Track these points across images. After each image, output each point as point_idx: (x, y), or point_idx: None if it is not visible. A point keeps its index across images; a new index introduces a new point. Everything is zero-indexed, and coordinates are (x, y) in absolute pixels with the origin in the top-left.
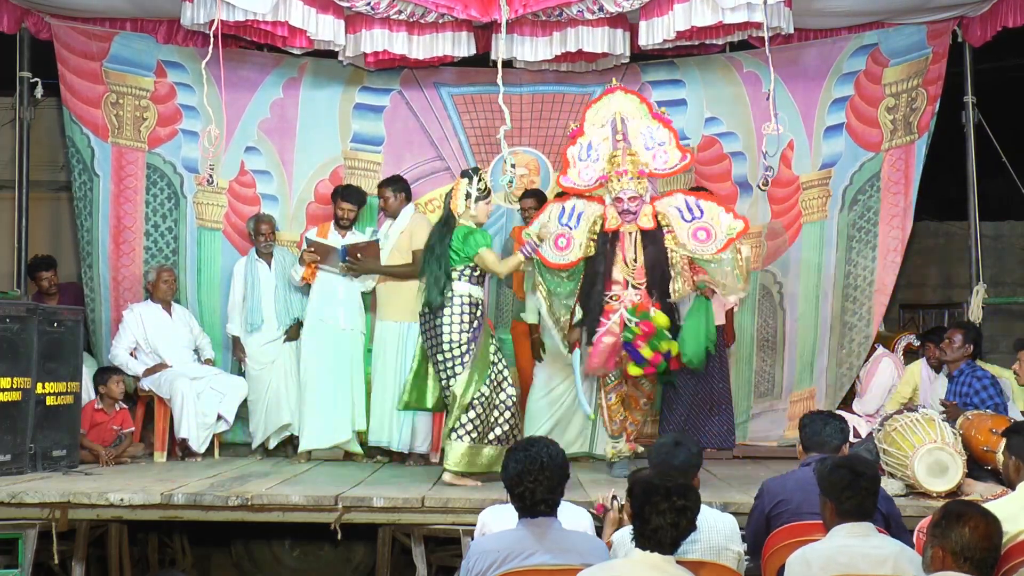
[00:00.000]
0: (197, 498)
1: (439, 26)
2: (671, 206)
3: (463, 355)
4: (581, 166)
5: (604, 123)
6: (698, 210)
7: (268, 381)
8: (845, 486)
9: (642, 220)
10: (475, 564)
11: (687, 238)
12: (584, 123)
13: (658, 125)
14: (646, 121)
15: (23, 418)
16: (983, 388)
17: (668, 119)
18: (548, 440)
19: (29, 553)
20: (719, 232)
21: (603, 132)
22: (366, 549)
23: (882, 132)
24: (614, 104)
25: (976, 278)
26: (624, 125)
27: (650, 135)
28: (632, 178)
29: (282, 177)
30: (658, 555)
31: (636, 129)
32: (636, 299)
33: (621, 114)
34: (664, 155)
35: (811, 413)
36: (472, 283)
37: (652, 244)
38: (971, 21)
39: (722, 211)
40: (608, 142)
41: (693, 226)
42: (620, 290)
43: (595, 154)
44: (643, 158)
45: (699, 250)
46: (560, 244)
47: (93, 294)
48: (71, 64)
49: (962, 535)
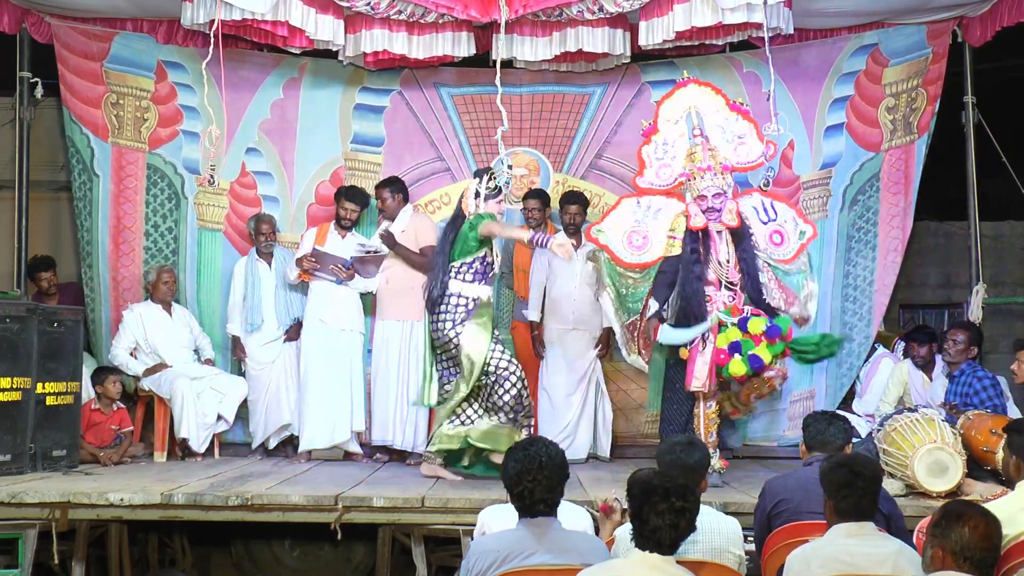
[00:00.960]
0: (197, 498)
1: (439, 26)
2: (749, 205)
3: (455, 351)
4: (658, 165)
5: (679, 119)
6: (773, 211)
7: (268, 381)
8: (843, 484)
9: (727, 217)
10: (475, 564)
11: (765, 241)
12: (657, 120)
13: (736, 117)
14: (723, 113)
15: (23, 418)
16: (983, 388)
17: (747, 110)
18: (548, 440)
19: (29, 553)
20: (791, 237)
21: (678, 128)
22: (366, 549)
23: (882, 132)
24: (688, 98)
25: (976, 278)
26: (700, 119)
27: (728, 128)
28: (716, 174)
29: (283, 178)
30: (657, 555)
31: (713, 123)
32: (729, 300)
33: (696, 108)
34: (745, 148)
35: (815, 413)
36: (465, 281)
37: (744, 241)
38: (971, 21)
39: (793, 214)
40: (684, 138)
41: (770, 228)
42: (713, 291)
43: (672, 151)
44: (723, 152)
45: (775, 255)
46: (635, 243)
47: (93, 294)
48: (71, 64)
49: (962, 535)
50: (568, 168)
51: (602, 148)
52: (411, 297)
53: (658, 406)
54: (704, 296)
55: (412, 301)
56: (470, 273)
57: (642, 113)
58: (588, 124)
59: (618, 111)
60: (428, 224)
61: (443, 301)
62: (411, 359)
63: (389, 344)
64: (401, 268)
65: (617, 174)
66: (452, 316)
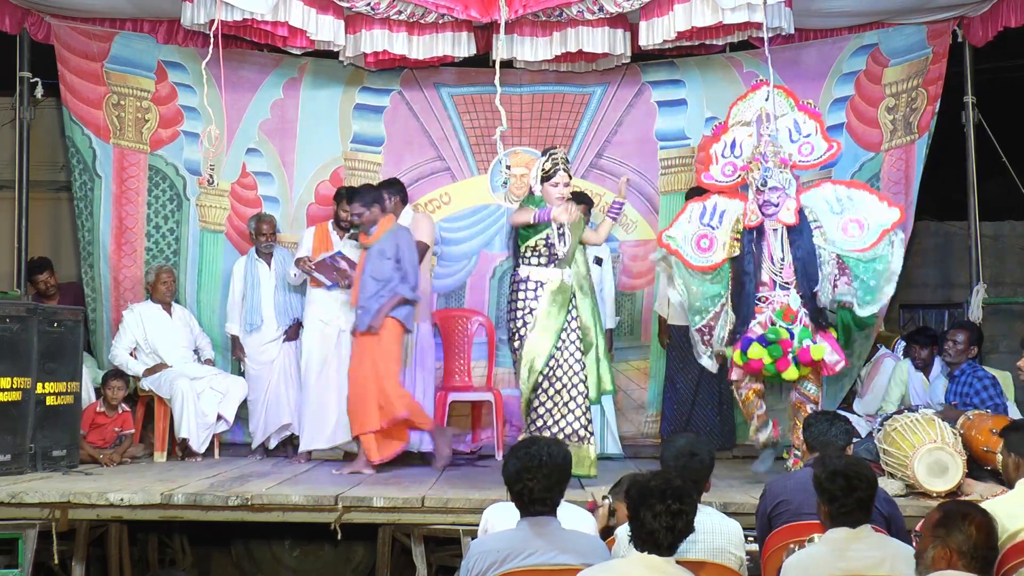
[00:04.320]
0: (197, 498)
1: (439, 26)
2: (819, 198)
3: (520, 340)
4: (723, 163)
5: (750, 120)
6: (848, 200)
7: (268, 381)
8: (838, 494)
9: (784, 215)
10: (475, 564)
11: (837, 232)
12: (728, 120)
13: (804, 117)
14: (792, 114)
15: (23, 418)
16: (984, 388)
17: (816, 111)
18: (552, 440)
19: (29, 553)
20: (872, 223)
21: (748, 129)
22: (366, 549)
23: (882, 132)
24: (760, 100)
25: (976, 278)
26: (770, 121)
27: (796, 128)
28: (774, 166)
29: (283, 179)
30: (657, 555)
31: (782, 124)
32: (785, 300)
33: (767, 110)
34: (809, 146)
35: (816, 413)
36: (531, 265)
37: (800, 239)
38: (971, 21)
39: (875, 199)
40: (753, 139)
41: (844, 219)
42: (767, 291)
43: (739, 151)
44: (788, 150)
45: (850, 245)
46: (703, 245)
47: (94, 294)
48: (72, 64)
49: (970, 535)
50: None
51: (602, 148)
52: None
53: (658, 406)
54: (755, 298)
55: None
56: (535, 257)
57: (642, 113)
58: (588, 124)
59: (618, 111)
60: (427, 223)
61: (512, 288)
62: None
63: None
64: None
65: (618, 174)
66: (521, 304)
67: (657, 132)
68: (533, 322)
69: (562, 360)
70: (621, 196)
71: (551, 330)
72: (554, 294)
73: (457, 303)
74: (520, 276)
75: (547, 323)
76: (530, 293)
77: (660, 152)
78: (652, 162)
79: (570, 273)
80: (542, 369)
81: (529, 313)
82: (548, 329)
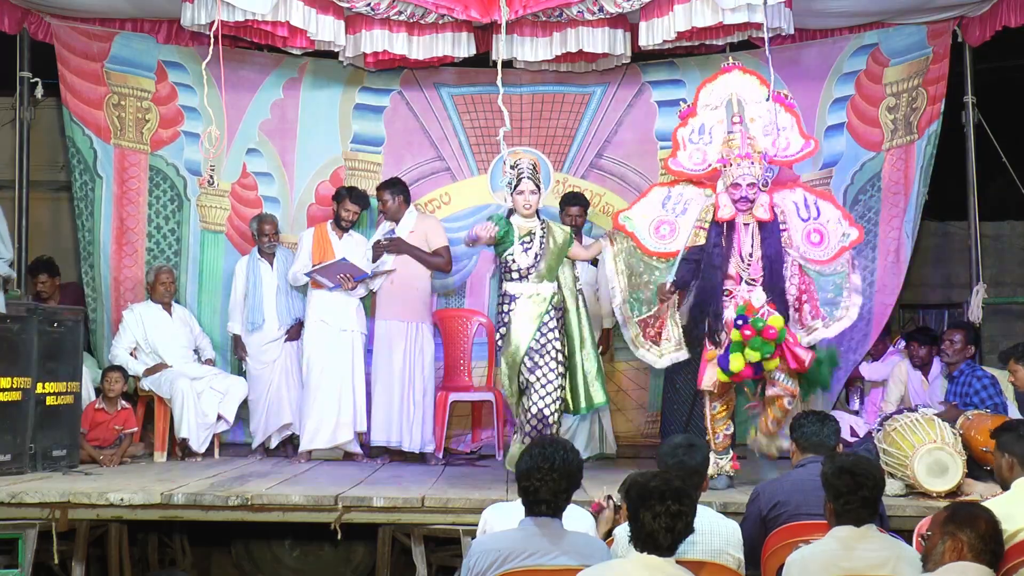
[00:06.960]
0: (197, 498)
1: (439, 26)
2: (789, 200)
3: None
4: (692, 148)
5: (719, 104)
6: (815, 209)
7: (269, 381)
8: (845, 492)
9: (758, 211)
10: (475, 564)
11: (801, 239)
12: (697, 103)
13: (779, 108)
14: (766, 104)
15: (23, 418)
16: (983, 388)
17: (791, 103)
18: (570, 445)
19: (29, 553)
20: (832, 239)
21: (717, 114)
22: (366, 549)
23: (883, 132)
24: (730, 84)
25: (976, 278)
26: (741, 107)
27: (769, 119)
28: (753, 163)
29: (283, 179)
30: (656, 556)
31: (754, 112)
32: (747, 296)
33: (737, 95)
34: (785, 141)
35: (806, 413)
36: (505, 280)
37: (770, 237)
38: (971, 21)
39: (839, 215)
40: (723, 124)
41: (809, 226)
42: (732, 285)
43: (707, 137)
44: (761, 144)
45: (810, 255)
46: (662, 231)
47: (95, 294)
48: (72, 65)
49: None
50: (568, 168)
51: (602, 148)
52: (414, 297)
53: (658, 406)
54: (722, 291)
55: (416, 301)
56: (507, 272)
57: (642, 113)
58: (588, 124)
59: (618, 111)
60: (436, 224)
61: (497, 300)
62: (415, 361)
63: (392, 344)
64: (404, 268)
65: (618, 174)
66: (504, 317)
67: (657, 132)
68: (507, 332)
69: (540, 360)
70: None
71: (527, 333)
72: (527, 307)
73: (457, 303)
74: (501, 290)
75: (521, 327)
76: (505, 307)
77: (660, 152)
78: (652, 162)
79: (551, 287)
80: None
81: (504, 326)
82: (523, 332)
